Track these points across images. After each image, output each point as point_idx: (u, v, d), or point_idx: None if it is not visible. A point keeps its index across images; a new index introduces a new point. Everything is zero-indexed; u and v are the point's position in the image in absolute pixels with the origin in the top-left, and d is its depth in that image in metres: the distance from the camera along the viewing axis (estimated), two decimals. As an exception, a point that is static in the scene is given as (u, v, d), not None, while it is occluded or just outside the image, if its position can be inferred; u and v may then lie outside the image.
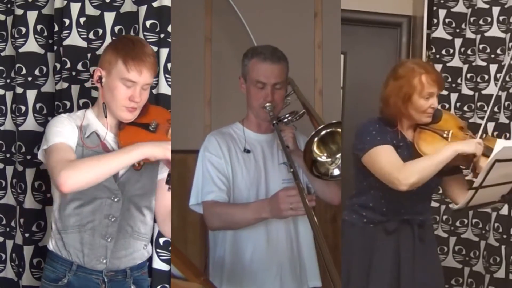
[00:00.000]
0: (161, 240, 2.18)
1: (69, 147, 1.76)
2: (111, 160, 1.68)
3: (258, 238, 2.04)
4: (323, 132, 1.87)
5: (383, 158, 1.97)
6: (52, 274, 1.83)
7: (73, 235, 1.82)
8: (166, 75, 2.20)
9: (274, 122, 1.99)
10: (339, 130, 1.91)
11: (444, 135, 2.03)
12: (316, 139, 1.87)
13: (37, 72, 2.35)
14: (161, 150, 1.71)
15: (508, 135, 2.62)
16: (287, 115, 2.13)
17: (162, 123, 1.87)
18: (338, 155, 1.92)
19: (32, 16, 2.34)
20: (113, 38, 2.31)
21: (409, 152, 2.03)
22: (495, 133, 2.66)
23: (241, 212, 1.96)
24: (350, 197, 2.17)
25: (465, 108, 2.80)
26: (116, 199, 1.82)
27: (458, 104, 2.80)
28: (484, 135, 2.06)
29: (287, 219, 2.02)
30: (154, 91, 2.21)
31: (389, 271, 2.03)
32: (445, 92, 2.81)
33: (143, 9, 2.21)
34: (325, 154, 1.91)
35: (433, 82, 1.99)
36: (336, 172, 1.93)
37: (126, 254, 1.87)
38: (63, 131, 1.78)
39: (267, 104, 2.01)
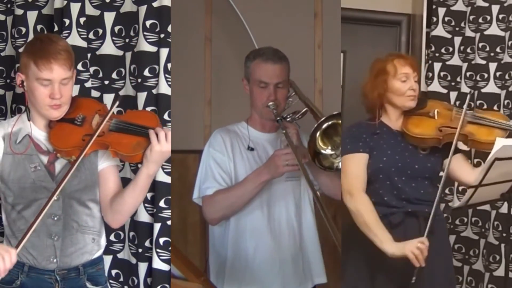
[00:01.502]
0: (161, 240, 2.18)
1: None
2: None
3: (261, 234, 2.05)
4: (325, 125, 1.91)
5: (348, 167, 2.05)
6: (6, 277, 1.79)
7: (20, 238, 1.79)
8: (166, 75, 2.20)
9: (278, 118, 2.03)
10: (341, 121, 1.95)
11: (430, 114, 2.11)
12: (319, 132, 1.91)
13: (37, 72, 2.35)
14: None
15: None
16: (290, 114, 2.15)
17: (89, 115, 1.87)
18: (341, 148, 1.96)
19: (32, 16, 2.35)
20: (113, 38, 2.31)
21: (396, 140, 2.09)
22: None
23: (241, 186, 2.00)
24: None
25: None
26: (55, 198, 1.81)
27: (457, 103, 2.80)
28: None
29: (289, 212, 2.07)
30: (154, 91, 2.22)
31: (396, 265, 2.02)
32: (444, 91, 2.81)
33: (143, 9, 2.21)
34: (329, 147, 1.95)
35: (404, 63, 2.09)
36: (341, 165, 1.96)
37: (75, 250, 1.87)
38: None
39: (270, 103, 2.05)
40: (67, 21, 2.24)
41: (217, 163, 2.06)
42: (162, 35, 2.21)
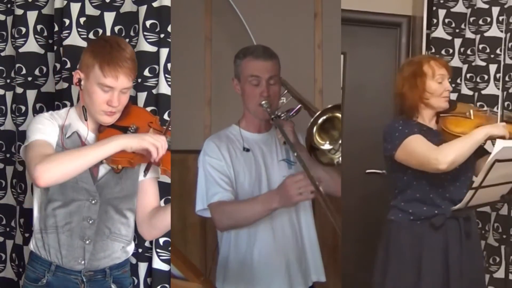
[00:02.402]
0: (161, 240, 2.18)
1: (48, 143, 1.76)
2: (87, 152, 1.68)
3: (264, 236, 2.03)
4: (321, 119, 1.89)
5: (417, 145, 2.04)
6: (32, 274, 1.84)
7: (52, 235, 1.81)
8: (166, 75, 2.20)
9: (273, 116, 2.00)
10: (338, 115, 1.92)
11: (467, 115, 2.14)
12: (315, 127, 1.89)
13: (37, 72, 2.35)
14: (137, 141, 1.72)
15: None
16: (284, 113, 2.11)
17: (142, 126, 1.86)
18: (340, 141, 1.94)
19: (32, 16, 2.34)
20: (113, 38, 2.31)
21: (438, 139, 2.10)
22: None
23: (250, 207, 1.95)
24: (393, 197, 2.18)
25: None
26: (93, 201, 1.82)
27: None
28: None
29: (290, 212, 2.05)
30: (154, 91, 2.22)
31: (439, 268, 2.05)
32: (444, 93, 2.82)
33: (143, 9, 2.21)
34: (328, 142, 1.94)
35: (441, 65, 2.13)
36: (340, 159, 1.95)
37: (104, 256, 1.87)
38: (44, 128, 1.78)
39: (264, 102, 2.01)
40: (67, 21, 2.24)
41: (216, 169, 2.02)
42: (162, 35, 2.20)
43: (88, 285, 1.85)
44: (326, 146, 1.94)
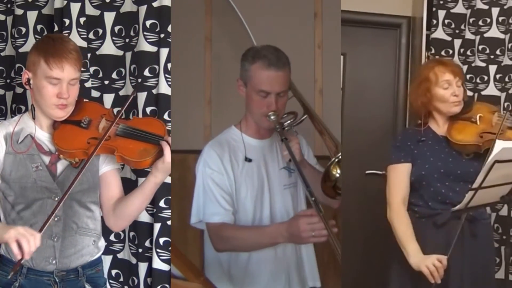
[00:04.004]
0: (161, 240, 2.18)
1: None
2: None
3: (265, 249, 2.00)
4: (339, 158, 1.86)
5: (392, 178, 2.16)
6: (4, 279, 1.83)
7: None
8: (166, 75, 2.20)
9: (284, 138, 1.93)
10: None
11: (473, 120, 2.14)
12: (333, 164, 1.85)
13: (37, 72, 2.35)
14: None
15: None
16: (285, 116, 2.09)
17: (95, 119, 1.88)
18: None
19: (32, 16, 2.34)
20: (113, 38, 2.31)
21: (441, 146, 2.14)
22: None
23: (254, 237, 1.91)
24: None
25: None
26: (56, 198, 1.82)
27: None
28: None
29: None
30: (154, 91, 2.22)
31: None
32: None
33: (143, 9, 2.21)
34: (340, 169, 1.89)
35: (445, 69, 2.13)
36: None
37: (74, 251, 1.87)
38: None
39: (271, 114, 1.96)
40: (67, 21, 2.24)
41: (218, 185, 1.98)
42: (162, 35, 2.20)
43: (61, 286, 1.85)
44: (339, 172, 1.90)
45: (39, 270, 1.83)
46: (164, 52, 2.20)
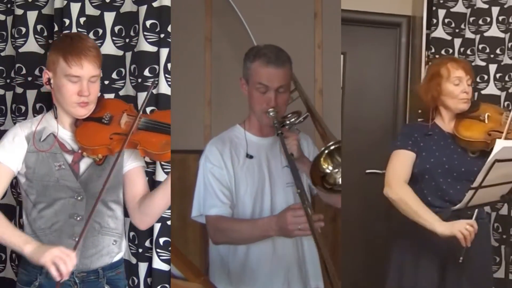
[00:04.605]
0: (161, 240, 2.18)
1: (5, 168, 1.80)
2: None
3: (264, 241, 2.00)
4: (330, 148, 1.85)
5: (394, 161, 2.14)
6: (25, 277, 1.83)
7: (41, 237, 1.81)
8: (166, 75, 2.20)
9: (279, 132, 1.93)
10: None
11: (481, 118, 2.16)
12: (324, 154, 1.85)
13: (37, 72, 2.35)
14: (42, 255, 1.67)
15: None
16: (289, 115, 2.08)
17: (116, 114, 1.88)
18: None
19: (32, 16, 2.34)
20: (113, 38, 2.31)
21: (446, 142, 2.16)
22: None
23: (247, 229, 1.93)
24: None
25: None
26: (79, 198, 1.82)
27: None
28: None
29: None
30: (154, 91, 2.22)
31: (437, 263, 2.07)
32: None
33: (143, 9, 2.21)
34: (332, 165, 1.89)
35: (458, 66, 2.15)
36: (340, 180, 1.93)
37: (95, 252, 1.86)
38: (8, 148, 1.81)
39: (270, 110, 1.96)
40: (67, 21, 2.24)
41: (217, 179, 2.00)
42: (162, 35, 2.20)
43: (81, 286, 1.84)
44: (330, 169, 1.88)
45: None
46: (164, 52, 2.20)
